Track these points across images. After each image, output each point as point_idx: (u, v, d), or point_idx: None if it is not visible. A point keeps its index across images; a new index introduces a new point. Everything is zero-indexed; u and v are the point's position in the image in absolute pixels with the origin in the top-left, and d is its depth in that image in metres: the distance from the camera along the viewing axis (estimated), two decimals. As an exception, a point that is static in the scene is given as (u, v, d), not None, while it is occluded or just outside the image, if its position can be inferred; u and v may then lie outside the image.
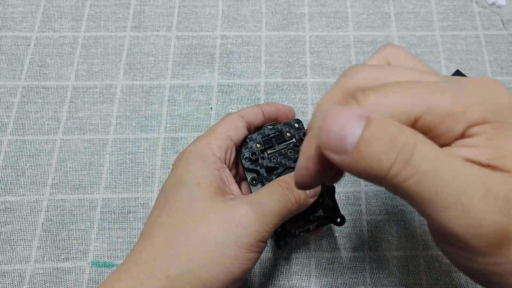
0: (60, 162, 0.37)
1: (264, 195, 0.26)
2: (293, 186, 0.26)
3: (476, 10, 0.45)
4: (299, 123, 0.30)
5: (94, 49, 0.42)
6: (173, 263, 0.23)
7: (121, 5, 0.45)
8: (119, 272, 0.24)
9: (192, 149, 0.27)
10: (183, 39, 0.43)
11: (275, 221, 0.25)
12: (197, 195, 0.25)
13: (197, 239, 0.23)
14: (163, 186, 0.27)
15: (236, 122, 0.29)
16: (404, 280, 0.34)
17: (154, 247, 0.24)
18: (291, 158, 0.30)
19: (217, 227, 0.24)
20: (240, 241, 0.23)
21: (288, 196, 0.26)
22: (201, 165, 0.26)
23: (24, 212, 0.36)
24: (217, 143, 0.27)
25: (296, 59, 0.43)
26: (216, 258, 0.23)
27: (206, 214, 0.24)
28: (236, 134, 0.29)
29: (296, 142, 0.30)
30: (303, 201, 0.27)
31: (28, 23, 0.43)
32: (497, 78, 0.42)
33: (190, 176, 0.26)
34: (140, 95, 0.40)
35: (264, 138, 0.30)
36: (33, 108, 0.40)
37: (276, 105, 0.31)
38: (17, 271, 0.34)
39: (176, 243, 0.23)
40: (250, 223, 0.24)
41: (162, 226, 0.24)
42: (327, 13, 0.45)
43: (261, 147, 0.30)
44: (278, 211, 0.25)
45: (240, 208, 0.24)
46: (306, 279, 0.34)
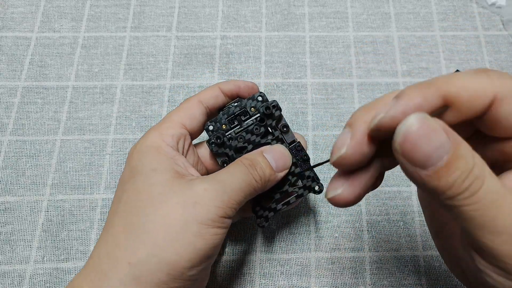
0: (60, 162, 0.37)
1: (225, 173, 0.25)
2: (256, 162, 0.26)
3: (476, 11, 0.45)
4: (263, 96, 0.29)
5: (94, 50, 0.42)
6: (134, 248, 0.22)
7: (121, 5, 0.45)
8: (85, 268, 0.23)
9: (143, 141, 0.27)
10: (183, 39, 0.43)
11: (238, 198, 0.25)
12: (154, 180, 0.24)
13: (157, 221, 0.23)
14: (119, 180, 0.27)
15: (192, 109, 0.28)
16: (404, 280, 0.34)
17: (115, 235, 0.23)
18: (259, 134, 0.29)
19: (177, 206, 0.23)
20: (201, 218, 0.23)
21: (251, 174, 0.25)
22: (155, 155, 0.26)
23: (24, 213, 0.36)
24: (169, 133, 0.27)
25: (296, 59, 0.43)
26: (179, 237, 0.23)
27: (165, 196, 0.24)
28: (191, 122, 0.28)
29: (261, 116, 0.29)
30: (269, 177, 0.26)
31: (28, 23, 0.43)
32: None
33: (145, 164, 0.25)
34: (140, 96, 0.41)
35: (229, 117, 0.29)
36: (33, 108, 0.40)
37: (236, 83, 0.30)
38: (17, 271, 0.34)
39: (136, 228, 0.23)
40: (210, 199, 0.24)
41: (121, 215, 0.24)
42: (327, 14, 0.45)
43: (226, 127, 0.29)
44: (241, 188, 0.25)
45: (199, 186, 0.24)
46: (306, 279, 0.34)
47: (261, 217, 0.29)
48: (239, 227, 0.36)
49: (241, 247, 0.35)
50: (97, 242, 0.24)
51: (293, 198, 0.29)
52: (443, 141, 0.15)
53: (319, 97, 0.41)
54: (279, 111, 0.29)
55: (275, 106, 0.29)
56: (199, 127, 0.29)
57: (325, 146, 0.39)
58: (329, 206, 0.36)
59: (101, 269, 0.23)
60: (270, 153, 0.27)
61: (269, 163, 0.27)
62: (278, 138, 0.29)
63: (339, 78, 0.42)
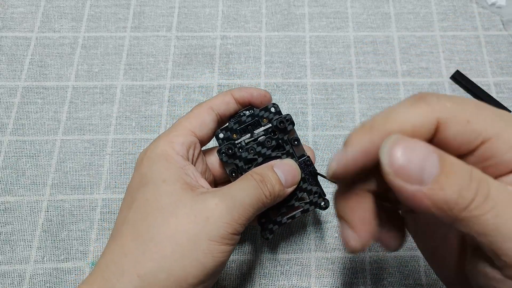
0: (60, 163, 0.37)
1: (236, 188, 0.25)
2: (266, 178, 0.26)
3: (476, 11, 0.45)
4: (276, 107, 0.29)
5: (94, 50, 0.42)
6: (143, 261, 0.22)
7: (121, 5, 0.45)
8: (91, 276, 0.23)
9: (153, 149, 0.26)
10: (183, 39, 0.43)
11: (247, 214, 0.24)
12: (164, 191, 0.24)
13: (167, 234, 0.23)
14: (128, 186, 0.26)
15: (203, 116, 0.28)
16: (404, 280, 0.34)
17: (124, 246, 0.23)
18: (270, 147, 0.28)
19: (187, 220, 0.23)
20: (211, 234, 0.23)
21: (261, 189, 0.25)
22: (165, 164, 0.25)
23: (24, 213, 0.36)
24: (179, 141, 0.26)
25: (296, 59, 0.43)
26: (188, 253, 0.22)
27: (175, 208, 0.23)
28: (202, 129, 0.28)
29: (273, 128, 0.29)
30: (278, 193, 0.26)
31: (28, 24, 0.43)
32: (497, 79, 0.42)
33: (155, 174, 0.25)
34: (140, 96, 0.40)
35: (240, 127, 0.29)
36: (33, 108, 0.40)
37: (249, 90, 0.30)
38: (17, 271, 0.34)
39: (145, 240, 0.23)
40: (221, 215, 0.23)
41: (130, 224, 0.24)
42: (327, 14, 0.45)
43: (237, 136, 0.29)
44: (251, 203, 0.25)
45: (210, 201, 0.24)
46: (306, 280, 0.34)
47: (266, 229, 0.29)
48: (239, 227, 0.36)
49: (241, 247, 0.35)
50: (104, 250, 0.24)
51: (299, 213, 0.29)
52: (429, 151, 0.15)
53: (319, 97, 0.41)
54: (292, 126, 0.28)
55: (288, 120, 0.28)
56: (209, 135, 0.29)
57: (325, 146, 0.39)
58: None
59: (108, 279, 0.22)
60: (280, 168, 0.27)
61: (279, 178, 0.26)
62: (289, 152, 0.29)
63: (339, 78, 0.42)
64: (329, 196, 0.28)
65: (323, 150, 0.39)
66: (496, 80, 0.42)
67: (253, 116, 0.29)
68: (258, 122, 0.29)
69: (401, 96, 0.41)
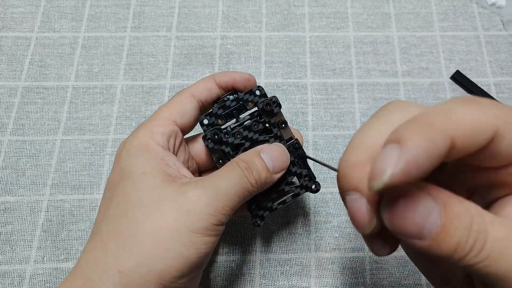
0: (60, 163, 0.37)
1: (220, 177, 0.24)
2: (252, 165, 0.25)
3: (476, 11, 0.45)
4: (261, 90, 0.28)
5: (94, 50, 0.42)
6: (124, 257, 0.22)
7: (121, 5, 0.45)
8: (72, 274, 0.23)
9: (132, 140, 0.26)
10: (183, 39, 0.43)
11: (232, 204, 0.24)
12: (144, 184, 0.23)
13: (147, 229, 0.22)
14: (107, 181, 0.26)
15: (184, 104, 0.27)
16: (403, 280, 0.34)
17: (104, 242, 0.23)
18: (257, 131, 0.28)
19: (168, 214, 0.22)
20: (193, 227, 0.22)
21: (247, 177, 0.24)
22: (144, 156, 0.24)
23: (24, 213, 0.36)
24: (159, 130, 0.26)
25: (296, 59, 0.43)
26: (170, 247, 0.22)
27: (156, 202, 0.23)
28: (183, 118, 0.27)
29: (260, 111, 0.28)
30: (265, 180, 0.25)
31: (28, 24, 0.43)
32: (497, 79, 0.42)
33: (134, 167, 0.24)
34: (140, 96, 0.41)
35: (225, 112, 0.28)
36: (33, 109, 0.40)
37: (232, 75, 0.29)
38: (17, 271, 0.34)
39: (125, 235, 0.22)
40: (203, 207, 0.23)
41: (109, 220, 0.23)
42: (327, 14, 0.45)
43: (222, 122, 0.28)
44: (236, 193, 0.24)
45: (191, 192, 0.23)
46: (306, 280, 0.34)
47: (257, 216, 0.28)
48: (239, 227, 0.36)
49: (241, 247, 0.35)
50: (85, 248, 0.24)
51: (289, 197, 0.28)
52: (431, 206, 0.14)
53: (319, 97, 0.41)
54: (278, 108, 0.28)
55: (275, 102, 0.27)
56: (191, 123, 0.28)
57: (325, 146, 0.39)
58: (328, 206, 0.36)
59: (89, 277, 0.22)
60: (268, 153, 0.26)
61: (266, 164, 0.26)
62: (277, 135, 0.28)
63: (339, 78, 0.42)
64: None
65: (323, 150, 0.39)
66: (496, 80, 0.42)
67: (238, 100, 0.28)
68: (244, 106, 0.28)
69: (401, 96, 0.41)
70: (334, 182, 0.37)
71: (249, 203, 0.28)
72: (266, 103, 0.27)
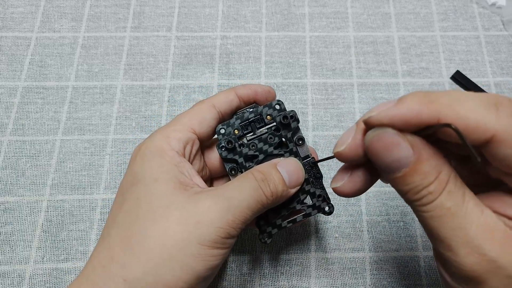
0: (60, 163, 0.37)
1: (233, 188, 0.24)
2: (269, 176, 0.24)
3: (477, 11, 0.45)
4: (281, 105, 0.28)
5: (94, 50, 0.42)
6: (130, 265, 0.21)
7: (121, 5, 0.45)
8: (78, 279, 0.23)
9: (148, 143, 0.25)
10: (183, 39, 0.43)
11: (244, 217, 0.23)
12: (155, 191, 0.23)
13: (155, 237, 0.22)
14: (120, 184, 0.25)
15: (204, 113, 0.27)
16: (404, 280, 0.34)
17: (111, 249, 0.22)
18: (272, 144, 0.27)
19: (177, 223, 0.22)
20: (202, 239, 0.22)
21: (262, 190, 0.24)
22: (158, 161, 0.24)
23: (23, 213, 0.36)
24: (176, 136, 0.25)
25: (296, 59, 0.42)
26: (177, 257, 0.21)
27: (166, 210, 0.22)
28: (202, 127, 0.27)
29: (277, 126, 0.27)
30: (281, 193, 0.25)
31: (28, 24, 0.43)
32: (497, 79, 0.42)
33: (147, 172, 0.24)
34: (140, 96, 0.40)
35: (242, 123, 0.27)
36: (33, 109, 0.40)
37: (253, 87, 0.29)
38: (16, 271, 0.34)
39: (133, 243, 0.22)
40: (213, 219, 0.22)
41: (119, 226, 0.23)
42: (327, 14, 0.45)
43: (239, 133, 0.27)
44: (249, 206, 0.23)
45: (202, 202, 0.23)
46: (306, 280, 0.34)
47: (265, 232, 0.27)
48: (239, 227, 0.36)
49: (241, 247, 0.35)
50: (93, 251, 0.24)
51: (300, 217, 0.27)
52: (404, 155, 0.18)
53: (319, 97, 0.41)
54: (296, 122, 0.27)
55: (293, 117, 0.27)
56: (209, 132, 0.28)
57: (325, 146, 0.39)
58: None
59: (95, 282, 0.22)
60: (284, 167, 0.25)
61: (283, 177, 0.25)
62: (292, 151, 0.27)
63: (339, 78, 0.42)
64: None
65: (323, 150, 0.39)
66: (496, 80, 0.41)
67: (256, 113, 0.28)
68: (262, 119, 0.28)
69: (401, 96, 0.41)
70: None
71: (258, 218, 0.27)
72: (283, 116, 0.27)
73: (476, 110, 0.17)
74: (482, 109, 0.17)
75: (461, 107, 0.17)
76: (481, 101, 0.17)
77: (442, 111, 0.17)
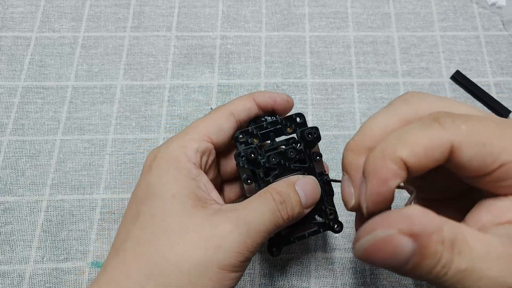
0: (59, 163, 0.37)
1: (252, 210, 0.23)
2: (287, 198, 0.24)
3: (476, 11, 0.45)
4: (302, 118, 0.27)
5: (94, 50, 0.42)
6: (147, 285, 0.21)
7: (121, 5, 0.45)
8: None
9: (164, 152, 0.25)
10: (183, 39, 0.43)
11: (261, 240, 0.23)
12: (173, 209, 0.22)
13: (173, 259, 0.21)
14: (134, 193, 0.25)
15: (222, 122, 0.26)
16: (404, 280, 0.34)
17: (127, 265, 0.22)
18: (292, 159, 0.27)
19: (197, 246, 0.21)
20: (222, 263, 0.22)
21: (280, 212, 0.23)
22: (175, 174, 0.24)
23: (23, 213, 0.36)
24: (193, 146, 0.25)
25: (296, 59, 0.42)
26: (195, 281, 0.21)
27: (184, 231, 0.22)
28: (219, 135, 0.26)
29: (298, 139, 0.27)
30: (297, 215, 0.25)
31: (28, 23, 0.43)
32: (497, 79, 0.42)
33: (165, 187, 0.23)
34: (140, 96, 0.40)
35: (262, 132, 0.27)
36: (32, 108, 0.40)
37: (272, 96, 0.28)
38: (16, 271, 0.34)
39: (150, 262, 0.21)
40: (233, 244, 0.22)
41: (134, 241, 0.22)
42: (327, 14, 0.45)
43: (258, 142, 0.27)
44: (266, 229, 0.23)
45: (223, 226, 0.22)
46: (306, 280, 0.34)
47: (274, 246, 0.27)
48: (239, 227, 0.36)
49: (241, 247, 0.35)
50: (106, 263, 0.23)
51: (310, 233, 0.27)
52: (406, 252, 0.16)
53: (319, 97, 0.41)
54: (318, 140, 0.27)
55: (316, 133, 0.26)
56: (226, 141, 0.27)
57: (325, 146, 0.39)
58: (329, 206, 0.36)
59: None
60: (303, 187, 0.25)
61: (300, 199, 0.25)
62: (310, 167, 0.27)
63: (339, 78, 0.42)
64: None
65: (323, 150, 0.39)
66: (496, 80, 0.41)
67: (276, 123, 0.27)
68: (281, 130, 0.27)
69: (401, 96, 0.41)
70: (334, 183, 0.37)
71: None
72: (308, 132, 0.26)
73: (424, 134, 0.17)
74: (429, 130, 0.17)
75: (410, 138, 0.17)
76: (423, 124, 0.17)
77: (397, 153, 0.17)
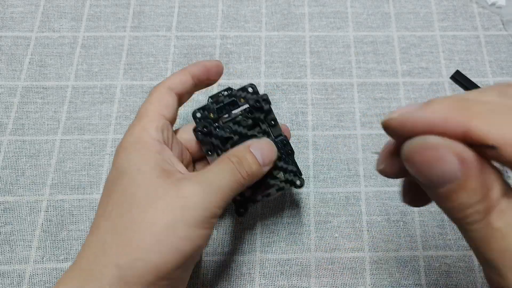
0: (59, 162, 0.37)
1: (213, 172, 0.25)
2: (244, 159, 0.26)
3: (476, 11, 0.45)
4: (254, 88, 0.30)
5: (93, 49, 0.42)
6: (122, 251, 0.23)
7: (121, 5, 0.45)
8: (71, 269, 0.24)
9: (128, 138, 0.27)
10: (183, 39, 0.43)
11: (225, 197, 0.25)
12: (140, 181, 0.24)
13: (144, 224, 0.23)
14: (106, 179, 0.27)
15: (166, 98, 0.28)
16: (403, 280, 0.34)
17: (102, 238, 0.24)
18: (246, 126, 0.29)
19: (164, 209, 0.23)
20: (188, 221, 0.23)
21: (239, 171, 0.26)
22: (141, 152, 0.26)
23: (23, 213, 0.36)
24: (152, 126, 0.27)
25: (296, 59, 0.42)
26: (166, 241, 0.23)
27: (152, 199, 0.24)
28: (169, 111, 0.28)
29: (250, 107, 0.29)
30: (256, 172, 0.27)
31: (27, 23, 0.43)
32: (497, 79, 0.42)
33: (131, 164, 0.25)
34: (140, 95, 0.40)
35: (217, 106, 0.29)
36: (32, 108, 0.40)
37: (203, 63, 0.30)
38: (16, 271, 0.34)
39: (123, 231, 0.23)
40: (198, 202, 0.24)
41: (108, 217, 0.24)
42: (327, 13, 0.45)
43: (214, 116, 0.29)
44: (229, 186, 0.25)
45: (186, 188, 0.24)
46: (306, 280, 0.34)
47: (241, 206, 0.29)
48: (239, 227, 0.36)
49: (241, 247, 0.35)
50: (84, 245, 0.24)
51: (274, 191, 0.29)
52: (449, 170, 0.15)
53: (319, 97, 0.41)
54: (268, 105, 0.29)
55: (265, 100, 0.29)
56: (175, 115, 0.29)
57: (325, 146, 0.39)
58: (328, 206, 0.36)
59: (88, 270, 0.23)
60: (257, 148, 0.27)
61: (256, 158, 0.27)
62: (265, 131, 0.30)
63: (339, 78, 0.42)
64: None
65: (323, 150, 0.39)
66: (496, 80, 0.41)
67: (231, 96, 0.30)
68: (236, 102, 0.30)
69: (401, 96, 0.41)
70: (334, 182, 0.37)
71: None
72: (256, 100, 0.29)
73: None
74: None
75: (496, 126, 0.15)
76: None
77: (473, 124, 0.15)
